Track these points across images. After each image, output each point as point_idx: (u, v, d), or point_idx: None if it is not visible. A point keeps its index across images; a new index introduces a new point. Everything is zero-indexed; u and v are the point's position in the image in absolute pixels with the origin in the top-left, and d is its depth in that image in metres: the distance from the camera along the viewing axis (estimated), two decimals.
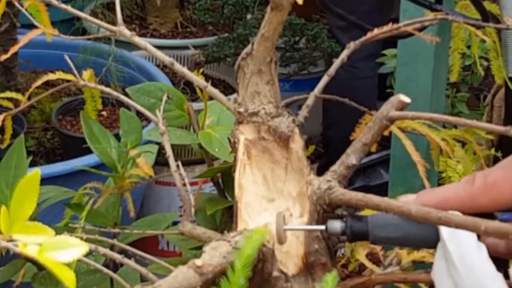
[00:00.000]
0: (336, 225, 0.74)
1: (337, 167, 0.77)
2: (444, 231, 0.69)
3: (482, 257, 0.67)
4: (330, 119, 3.02)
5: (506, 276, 0.67)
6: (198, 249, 1.10)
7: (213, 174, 1.16)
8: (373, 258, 1.19)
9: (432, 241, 0.71)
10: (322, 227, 0.74)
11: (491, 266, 0.67)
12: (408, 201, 0.72)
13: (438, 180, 1.34)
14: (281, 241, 0.73)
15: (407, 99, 0.76)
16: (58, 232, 0.56)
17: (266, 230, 0.72)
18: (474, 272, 0.67)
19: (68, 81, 1.00)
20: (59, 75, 1.00)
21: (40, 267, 1.14)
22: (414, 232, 0.73)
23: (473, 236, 0.68)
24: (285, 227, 0.73)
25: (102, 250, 0.74)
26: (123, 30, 0.90)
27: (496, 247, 0.71)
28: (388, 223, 0.73)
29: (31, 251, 0.54)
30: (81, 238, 0.56)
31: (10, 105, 1.10)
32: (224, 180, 1.16)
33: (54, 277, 0.53)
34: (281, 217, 0.73)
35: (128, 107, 1.35)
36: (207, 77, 2.90)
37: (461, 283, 0.67)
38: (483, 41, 1.44)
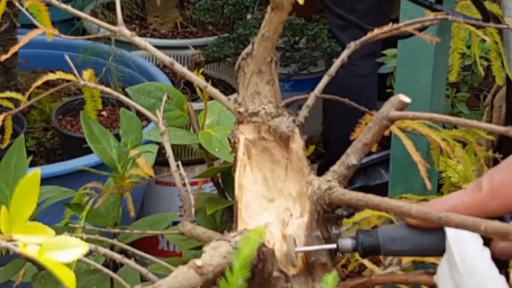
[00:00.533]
0: (347, 242, 0.74)
1: (337, 167, 0.77)
2: (449, 234, 0.69)
3: (485, 260, 0.67)
4: (329, 118, 3.02)
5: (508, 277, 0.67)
6: (198, 249, 1.10)
7: (213, 174, 1.16)
8: (373, 258, 1.19)
9: (443, 249, 0.71)
10: (333, 245, 0.74)
11: (493, 269, 0.67)
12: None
13: (438, 180, 1.34)
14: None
15: (407, 99, 0.76)
16: (58, 232, 0.56)
17: (265, 230, 0.72)
18: (476, 275, 0.66)
19: (68, 81, 1.00)
20: (59, 75, 1.00)
21: (40, 267, 1.14)
22: (424, 243, 0.72)
23: (478, 239, 0.68)
24: (296, 249, 0.73)
25: (102, 250, 0.74)
26: (123, 30, 0.90)
27: (510, 250, 0.70)
28: (398, 236, 0.73)
29: (31, 251, 0.54)
30: (81, 238, 0.56)
31: (10, 105, 1.10)
32: (224, 180, 1.15)
33: (54, 277, 0.53)
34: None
35: (128, 107, 1.35)
36: (207, 77, 2.90)
37: (462, 284, 0.67)
38: (483, 41, 1.44)
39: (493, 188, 0.69)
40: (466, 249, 0.68)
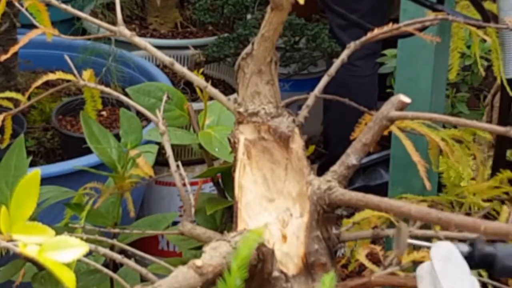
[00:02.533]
0: (463, 247, 0.72)
1: (337, 167, 0.77)
2: (437, 266, 0.68)
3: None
4: (330, 117, 3.02)
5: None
6: (198, 249, 1.10)
7: (213, 174, 1.16)
8: (373, 258, 1.19)
9: None
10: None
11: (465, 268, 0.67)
12: None
13: (438, 180, 1.34)
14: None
15: (407, 99, 0.76)
16: (58, 232, 0.57)
17: (263, 230, 0.72)
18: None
19: (68, 81, 1.00)
20: (59, 75, 1.00)
21: (40, 267, 1.14)
22: None
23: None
24: (409, 240, 0.72)
25: (102, 250, 0.74)
26: (123, 30, 0.90)
27: None
28: None
29: (31, 251, 0.54)
30: (81, 238, 0.56)
31: (10, 105, 1.10)
32: (224, 180, 1.16)
33: (54, 277, 0.53)
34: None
35: (128, 107, 1.35)
36: (207, 77, 2.90)
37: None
38: (483, 41, 1.44)
39: None
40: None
